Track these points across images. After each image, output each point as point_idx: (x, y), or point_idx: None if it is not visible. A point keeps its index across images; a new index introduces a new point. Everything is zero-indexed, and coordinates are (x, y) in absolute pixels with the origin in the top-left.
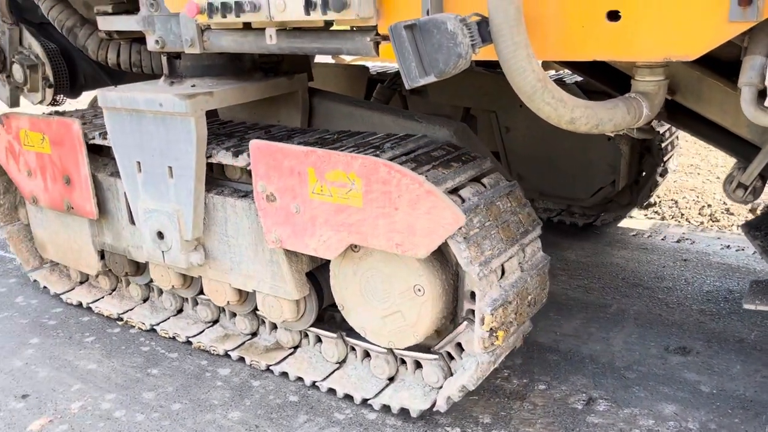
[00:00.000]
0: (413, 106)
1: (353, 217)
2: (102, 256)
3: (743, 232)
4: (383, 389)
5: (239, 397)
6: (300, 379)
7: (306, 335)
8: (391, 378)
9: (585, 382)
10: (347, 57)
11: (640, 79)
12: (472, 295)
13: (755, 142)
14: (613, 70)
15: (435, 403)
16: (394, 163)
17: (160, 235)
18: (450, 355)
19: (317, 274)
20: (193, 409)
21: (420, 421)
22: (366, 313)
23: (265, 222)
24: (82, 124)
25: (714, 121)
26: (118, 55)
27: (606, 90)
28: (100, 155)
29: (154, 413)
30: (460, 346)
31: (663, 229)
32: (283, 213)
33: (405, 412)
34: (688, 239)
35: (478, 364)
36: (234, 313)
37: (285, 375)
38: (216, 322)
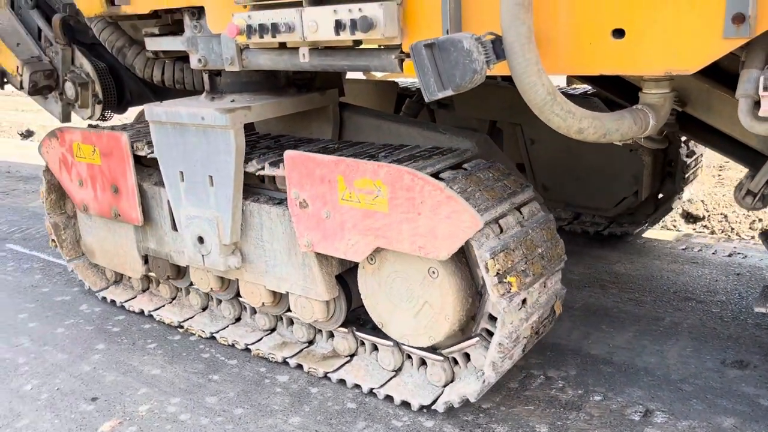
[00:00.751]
0: (440, 119)
1: (379, 221)
2: (146, 260)
3: (762, 240)
4: (439, 396)
5: (298, 403)
6: (357, 386)
7: (362, 343)
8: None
9: (641, 394)
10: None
11: (647, 92)
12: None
13: (763, 151)
14: (624, 82)
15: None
16: (417, 170)
17: (201, 240)
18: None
19: (346, 277)
20: (254, 414)
21: (477, 429)
22: (400, 319)
23: (297, 227)
24: (129, 136)
25: (724, 131)
26: (163, 73)
27: (617, 100)
28: (145, 166)
29: (218, 417)
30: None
31: (713, 243)
32: (314, 218)
33: (463, 422)
34: (739, 253)
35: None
36: (291, 321)
37: (342, 382)
38: (273, 330)
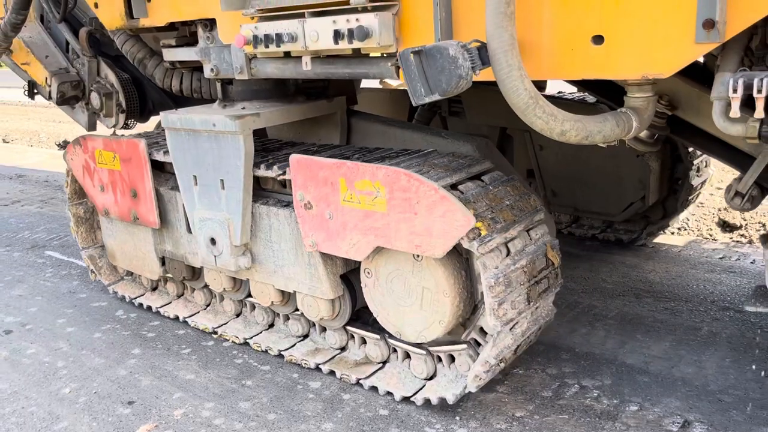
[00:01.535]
0: (452, 126)
1: (379, 221)
2: (163, 262)
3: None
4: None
5: (331, 410)
6: (389, 393)
7: (394, 350)
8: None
9: (679, 405)
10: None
11: (631, 95)
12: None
13: (750, 152)
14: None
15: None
16: (413, 171)
17: (213, 241)
18: None
19: (350, 276)
20: (287, 420)
21: None
22: (410, 317)
23: (303, 228)
24: (147, 143)
25: (713, 134)
26: (181, 83)
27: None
28: (162, 171)
29: (252, 422)
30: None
31: (751, 252)
32: (318, 219)
33: (495, 430)
34: None
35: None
36: (324, 328)
37: (374, 389)
38: (306, 336)
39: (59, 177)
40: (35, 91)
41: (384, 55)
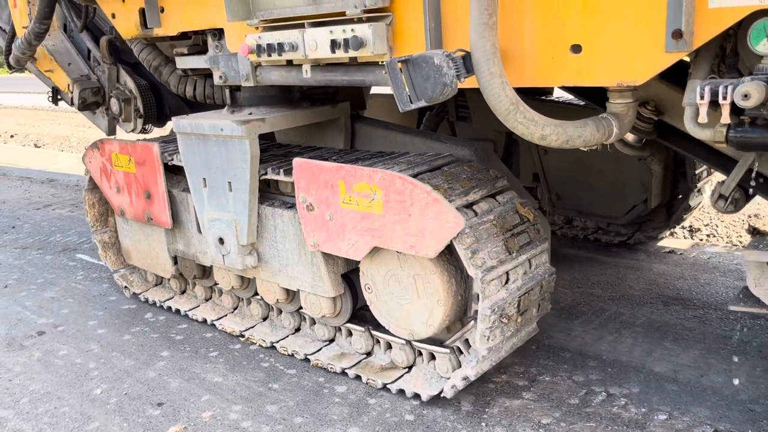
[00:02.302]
0: (460, 130)
1: (376, 222)
2: (175, 261)
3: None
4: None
5: (357, 414)
6: (416, 397)
7: (420, 353)
8: None
9: (708, 414)
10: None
11: (612, 101)
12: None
13: (733, 156)
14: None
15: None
16: (407, 175)
17: (221, 240)
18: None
19: (351, 275)
20: (314, 423)
21: None
22: (415, 312)
23: (305, 228)
24: (160, 147)
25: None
26: (194, 89)
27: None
28: (174, 174)
29: (279, 425)
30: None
31: None
32: (319, 220)
33: None
34: None
35: None
36: (350, 332)
37: (401, 393)
38: (332, 341)
39: None
40: (59, 97)
41: (380, 63)
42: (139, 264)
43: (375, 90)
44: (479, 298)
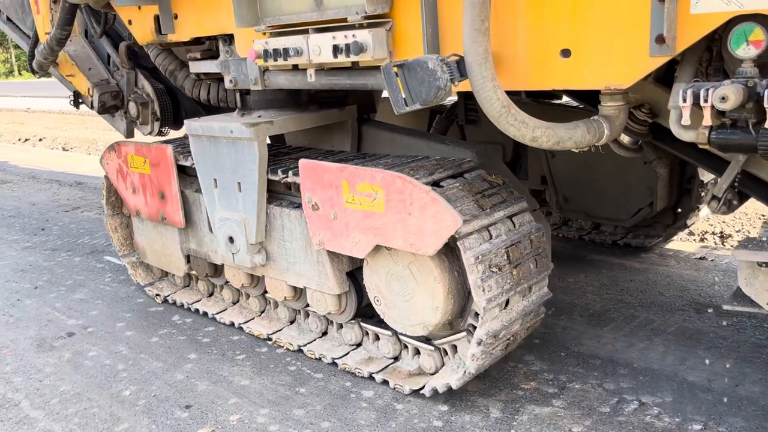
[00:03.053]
0: (469, 134)
1: (378, 221)
2: (188, 259)
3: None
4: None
5: (384, 419)
6: (444, 403)
7: (445, 352)
8: None
9: (744, 425)
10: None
11: (604, 104)
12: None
13: (726, 157)
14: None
15: None
16: (407, 175)
17: (231, 239)
18: None
19: (356, 273)
20: (341, 428)
21: None
22: (420, 302)
23: (311, 227)
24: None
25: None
26: (208, 92)
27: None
28: (187, 175)
29: (306, 430)
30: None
31: None
32: (324, 219)
33: None
34: None
35: None
36: (377, 336)
37: (428, 400)
38: (360, 345)
39: None
40: (80, 100)
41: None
42: (154, 262)
43: (387, 93)
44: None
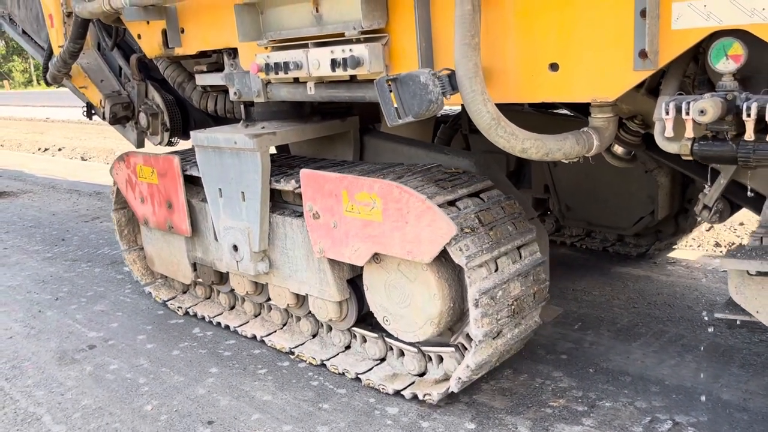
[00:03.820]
0: (473, 143)
1: (376, 230)
2: (194, 267)
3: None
4: None
5: None
6: (471, 421)
7: (465, 347)
8: None
9: None
10: None
11: (593, 116)
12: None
13: (715, 167)
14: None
15: None
16: (403, 184)
17: (235, 248)
18: None
19: (357, 281)
20: None
21: None
22: (419, 298)
23: (312, 236)
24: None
25: None
26: (216, 104)
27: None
28: (194, 184)
29: None
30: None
31: None
32: (325, 228)
33: None
34: None
35: None
36: (402, 352)
37: (455, 417)
38: (383, 360)
39: None
40: (93, 111)
41: None
42: (162, 270)
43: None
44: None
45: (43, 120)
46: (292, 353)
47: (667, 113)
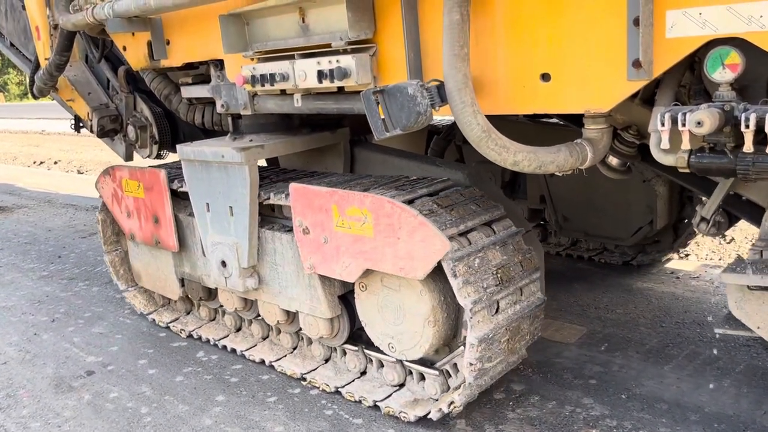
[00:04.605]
0: (468, 154)
1: (367, 245)
2: (182, 283)
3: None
4: None
5: None
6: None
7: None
8: None
9: None
10: None
11: (587, 127)
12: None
13: (713, 179)
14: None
15: None
16: (395, 199)
17: (224, 263)
18: None
19: (349, 297)
20: None
21: None
22: (413, 310)
23: (302, 251)
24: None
25: None
26: (203, 117)
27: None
28: (181, 199)
29: None
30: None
31: None
32: (315, 243)
33: None
34: None
35: None
36: (422, 376)
37: None
38: (402, 385)
39: None
40: (80, 124)
41: None
42: (149, 286)
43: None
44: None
45: (38, 132)
46: (304, 379)
47: (663, 125)
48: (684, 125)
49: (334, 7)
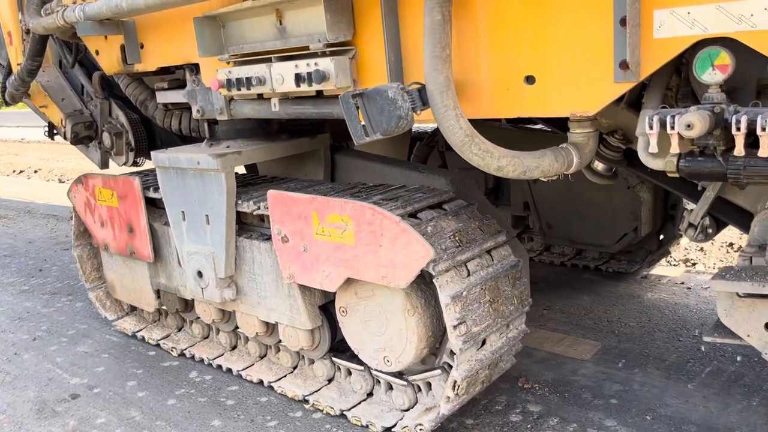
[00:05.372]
0: (451, 160)
1: (348, 253)
2: (158, 294)
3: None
4: None
5: None
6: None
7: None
8: None
9: None
10: None
11: (572, 131)
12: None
13: (701, 184)
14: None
15: None
16: (376, 206)
17: (200, 274)
18: None
19: (330, 307)
20: None
21: None
22: (395, 318)
23: (281, 260)
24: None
25: None
26: (180, 122)
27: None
28: (156, 207)
29: None
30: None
31: None
32: (294, 252)
33: None
34: None
35: None
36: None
37: None
38: (412, 406)
39: None
40: (54, 131)
41: None
42: (124, 298)
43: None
44: None
45: (18, 141)
46: (306, 401)
47: (651, 128)
48: (673, 128)
49: (312, 8)
